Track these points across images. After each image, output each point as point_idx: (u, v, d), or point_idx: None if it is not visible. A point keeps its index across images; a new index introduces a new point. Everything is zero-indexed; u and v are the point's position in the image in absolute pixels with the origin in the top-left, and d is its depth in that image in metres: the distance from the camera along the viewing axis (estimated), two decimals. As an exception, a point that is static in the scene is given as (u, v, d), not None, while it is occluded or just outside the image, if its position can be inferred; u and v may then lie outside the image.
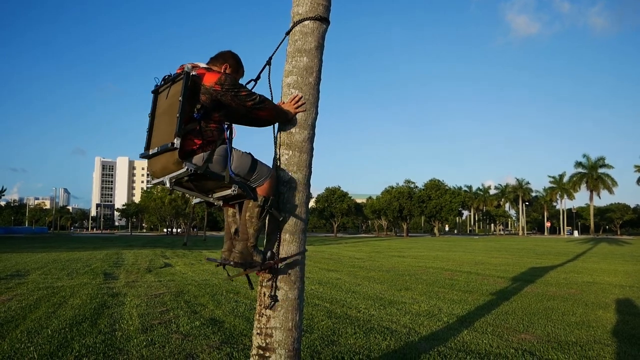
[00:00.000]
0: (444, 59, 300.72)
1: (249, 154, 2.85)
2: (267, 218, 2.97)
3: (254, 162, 2.82)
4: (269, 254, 2.86)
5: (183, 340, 5.29)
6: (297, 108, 2.95)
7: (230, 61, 2.96)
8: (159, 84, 2.89)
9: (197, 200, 3.03)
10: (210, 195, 2.93)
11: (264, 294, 2.88)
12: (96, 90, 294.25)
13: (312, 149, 3.03)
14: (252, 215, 2.78)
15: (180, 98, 2.58)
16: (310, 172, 3.02)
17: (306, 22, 3.01)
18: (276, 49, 3.09)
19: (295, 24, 3.04)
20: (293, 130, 2.95)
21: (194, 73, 2.67)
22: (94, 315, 6.71)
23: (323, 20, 3.05)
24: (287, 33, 3.10)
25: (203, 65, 2.86)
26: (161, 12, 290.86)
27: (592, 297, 8.94)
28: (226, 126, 2.85)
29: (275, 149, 3.01)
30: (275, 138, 3.03)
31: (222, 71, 2.87)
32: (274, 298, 2.84)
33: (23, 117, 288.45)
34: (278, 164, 2.96)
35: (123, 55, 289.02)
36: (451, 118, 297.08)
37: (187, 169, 2.58)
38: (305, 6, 3.03)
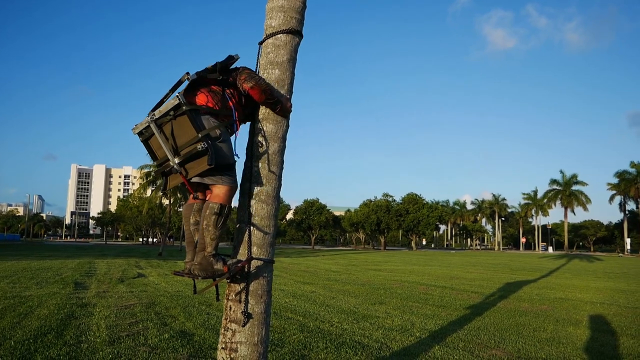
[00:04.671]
0: (419, 72, 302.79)
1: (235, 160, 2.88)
2: (237, 231, 2.94)
3: (233, 165, 2.83)
4: (233, 259, 2.82)
5: (150, 353, 5.18)
6: (290, 107, 3.02)
7: None
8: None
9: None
10: (175, 156, 2.74)
11: (230, 308, 2.84)
12: (70, 94, 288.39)
13: (282, 161, 3.01)
14: (209, 223, 2.75)
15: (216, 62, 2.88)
16: (280, 185, 3.00)
17: (279, 35, 3.01)
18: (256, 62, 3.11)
19: (267, 37, 3.03)
20: (263, 142, 2.93)
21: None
22: (60, 327, 6.55)
23: (296, 33, 3.05)
24: (260, 43, 3.10)
25: None
26: (139, 22, 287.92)
27: (563, 313, 9.04)
28: (235, 123, 2.92)
29: (248, 162, 2.99)
30: (249, 150, 3.00)
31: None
32: (248, 315, 2.78)
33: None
34: (248, 175, 2.93)
35: (98, 59, 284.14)
36: (427, 132, 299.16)
37: (178, 99, 2.63)
38: (279, 19, 3.02)
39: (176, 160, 2.69)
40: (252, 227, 2.86)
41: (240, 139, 3.06)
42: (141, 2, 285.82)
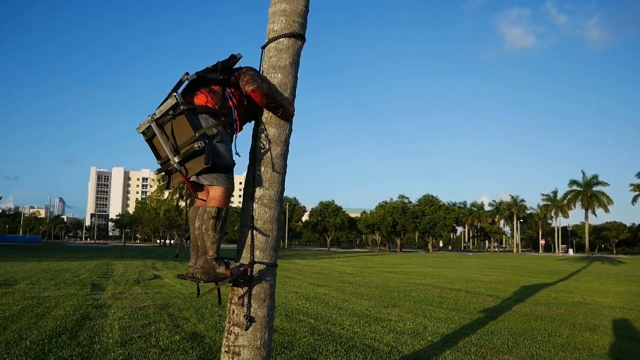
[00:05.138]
0: (436, 73, 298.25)
1: (234, 162, 2.91)
2: (240, 235, 2.95)
3: (231, 167, 2.87)
4: (236, 263, 2.83)
5: (160, 355, 5.23)
6: (292, 112, 3.03)
7: None
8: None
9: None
10: (175, 155, 2.79)
11: (233, 311, 2.85)
12: (87, 98, 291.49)
13: (285, 165, 3.02)
14: (208, 227, 2.77)
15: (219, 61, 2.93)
16: (283, 189, 3.01)
17: (281, 39, 3.02)
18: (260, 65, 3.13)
19: (270, 41, 3.04)
20: (266, 146, 2.94)
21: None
22: (74, 327, 6.64)
23: (298, 37, 3.06)
24: (263, 47, 3.11)
25: None
26: (154, 18, 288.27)
27: (580, 318, 8.89)
28: (235, 122, 2.94)
29: (250, 165, 3.00)
30: (252, 154, 3.02)
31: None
32: (250, 319, 2.79)
33: (12, 124, 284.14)
34: (251, 179, 2.94)
35: (113, 62, 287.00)
36: (444, 133, 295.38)
37: (176, 98, 2.69)
38: (281, 23, 3.03)
39: (176, 159, 2.75)
40: (254, 231, 2.87)
41: (244, 143, 3.08)
42: (160, 3, 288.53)
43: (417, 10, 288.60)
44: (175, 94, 2.69)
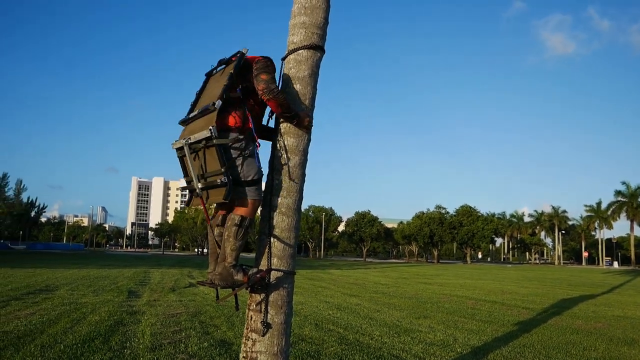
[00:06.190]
0: (474, 83, 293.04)
1: (262, 173, 2.95)
2: (258, 243, 3.01)
3: (259, 180, 2.91)
4: (253, 270, 2.88)
5: (188, 361, 5.32)
6: (308, 123, 3.05)
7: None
8: (213, 68, 3.22)
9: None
10: (199, 181, 2.89)
11: (251, 318, 2.90)
12: (128, 108, 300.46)
13: (303, 174, 3.06)
14: (230, 234, 2.83)
15: (231, 71, 2.90)
16: (301, 198, 3.05)
17: (300, 51, 3.07)
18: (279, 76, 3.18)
19: (289, 52, 3.11)
20: (284, 155, 2.99)
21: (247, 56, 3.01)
22: (108, 333, 6.82)
23: (317, 49, 3.11)
24: (283, 59, 3.17)
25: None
26: (182, 26, 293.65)
27: (619, 332, 8.60)
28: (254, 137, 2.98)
29: (269, 174, 3.06)
30: (270, 163, 3.08)
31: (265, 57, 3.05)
32: (267, 325, 2.84)
33: (57, 134, 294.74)
34: (269, 188, 3.00)
35: (152, 71, 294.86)
36: (483, 143, 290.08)
37: (211, 132, 2.70)
38: (300, 35, 3.09)
39: (199, 185, 2.85)
40: (272, 239, 2.92)
41: (264, 152, 3.14)
42: (195, 21, 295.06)
43: (455, 18, 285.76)
44: (211, 127, 2.70)
